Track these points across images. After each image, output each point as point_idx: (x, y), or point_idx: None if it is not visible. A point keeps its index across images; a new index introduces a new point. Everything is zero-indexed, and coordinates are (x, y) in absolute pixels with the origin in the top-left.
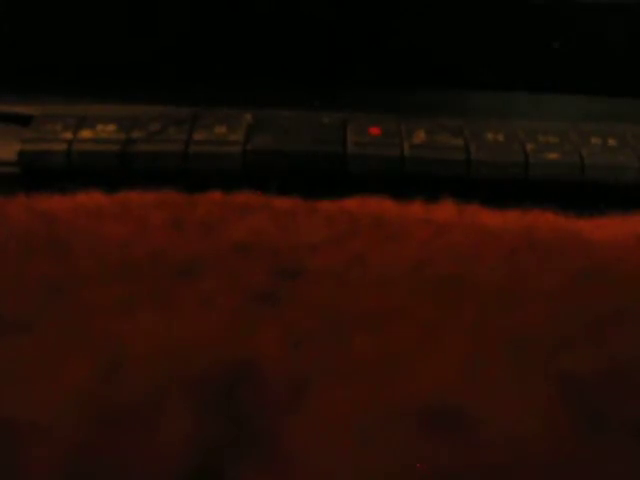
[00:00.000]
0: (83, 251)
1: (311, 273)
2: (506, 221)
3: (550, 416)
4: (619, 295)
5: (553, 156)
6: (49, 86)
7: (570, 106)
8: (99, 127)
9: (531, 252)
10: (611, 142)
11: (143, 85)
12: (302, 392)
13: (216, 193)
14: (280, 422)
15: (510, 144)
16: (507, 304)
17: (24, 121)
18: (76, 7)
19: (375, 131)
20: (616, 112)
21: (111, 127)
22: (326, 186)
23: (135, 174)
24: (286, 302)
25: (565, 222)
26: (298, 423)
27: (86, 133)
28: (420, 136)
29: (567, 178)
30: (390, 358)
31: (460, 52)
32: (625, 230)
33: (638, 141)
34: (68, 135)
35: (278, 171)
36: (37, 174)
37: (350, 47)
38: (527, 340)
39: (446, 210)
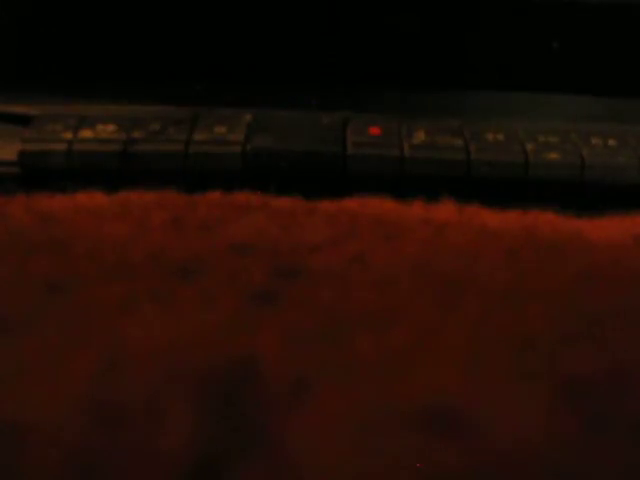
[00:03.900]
0: (83, 251)
1: (311, 273)
2: (506, 221)
3: (550, 416)
4: (619, 295)
5: (553, 156)
6: (49, 86)
7: (570, 106)
8: (99, 127)
9: (531, 252)
10: (611, 142)
11: (143, 85)
12: (302, 392)
13: (216, 193)
14: (280, 422)
15: (510, 144)
16: (507, 304)
17: (24, 121)
18: (76, 7)
19: (375, 131)
20: (616, 112)
21: (111, 127)
22: (326, 186)
23: (135, 174)
24: (286, 302)
25: (565, 222)
26: (298, 423)
27: (86, 133)
28: (420, 136)
29: (567, 178)
30: (390, 358)
31: (460, 52)
32: (625, 230)
33: (638, 141)
34: (68, 135)
35: (278, 171)
36: (37, 174)
37: (350, 47)
38: (527, 340)
39: (446, 210)
